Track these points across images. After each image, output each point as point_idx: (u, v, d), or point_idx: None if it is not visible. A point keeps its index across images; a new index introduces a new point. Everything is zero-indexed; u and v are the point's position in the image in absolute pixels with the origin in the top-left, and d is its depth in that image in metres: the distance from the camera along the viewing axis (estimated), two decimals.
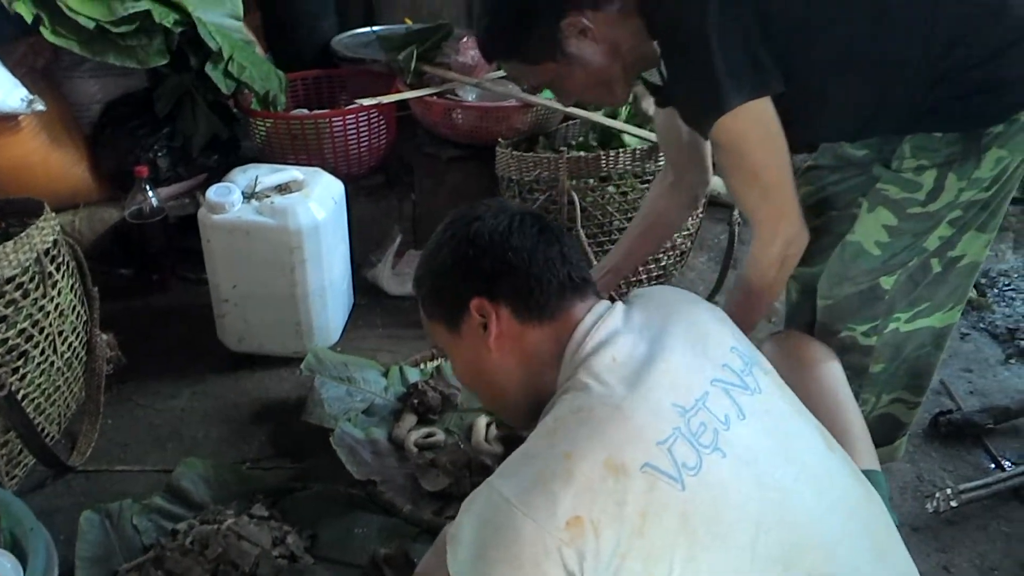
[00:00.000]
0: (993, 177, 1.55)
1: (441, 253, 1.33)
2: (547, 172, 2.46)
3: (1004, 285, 2.80)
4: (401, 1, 3.53)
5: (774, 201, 1.55)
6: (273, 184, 2.30)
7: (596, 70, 1.56)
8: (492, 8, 1.55)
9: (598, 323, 1.24)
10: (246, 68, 2.60)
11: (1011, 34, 1.45)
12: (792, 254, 1.59)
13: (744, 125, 1.47)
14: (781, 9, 1.44)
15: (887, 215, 1.60)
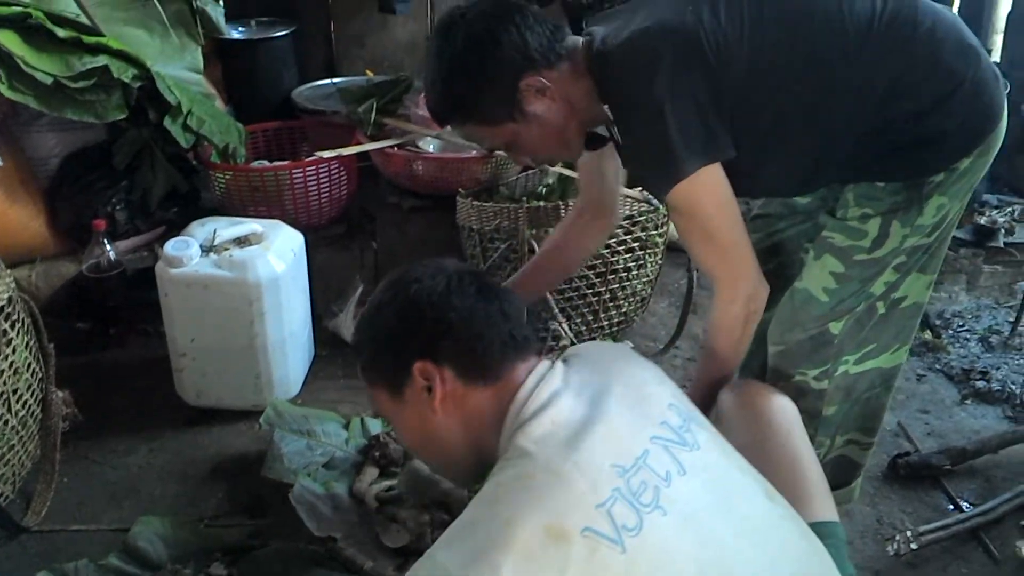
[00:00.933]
0: (934, 224, 1.60)
1: (381, 318, 1.33)
2: (507, 221, 2.49)
3: (958, 326, 2.85)
4: (361, 54, 3.57)
5: (730, 260, 1.58)
6: (232, 237, 2.29)
7: (554, 128, 1.59)
8: (446, 72, 1.54)
9: (539, 385, 1.25)
10: (205, 121, 2.60)
11: (946, 86, 1.50)
12: (754, 310, 1.62)
13: (698, 190, 1.50)
14: (728, 77, 1.48)
15: (834, 262, 1.64)
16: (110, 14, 2.70)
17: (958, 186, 1.57)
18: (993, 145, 1.58)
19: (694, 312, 2.77)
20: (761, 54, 1.49)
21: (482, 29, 1.50)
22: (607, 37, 1.55)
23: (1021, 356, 2.68)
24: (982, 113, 1.54)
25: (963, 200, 1.63)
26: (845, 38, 1.49)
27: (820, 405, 1.74)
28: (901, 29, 1.50)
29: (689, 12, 1.49)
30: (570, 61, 1.56)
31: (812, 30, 1.50)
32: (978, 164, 1.57)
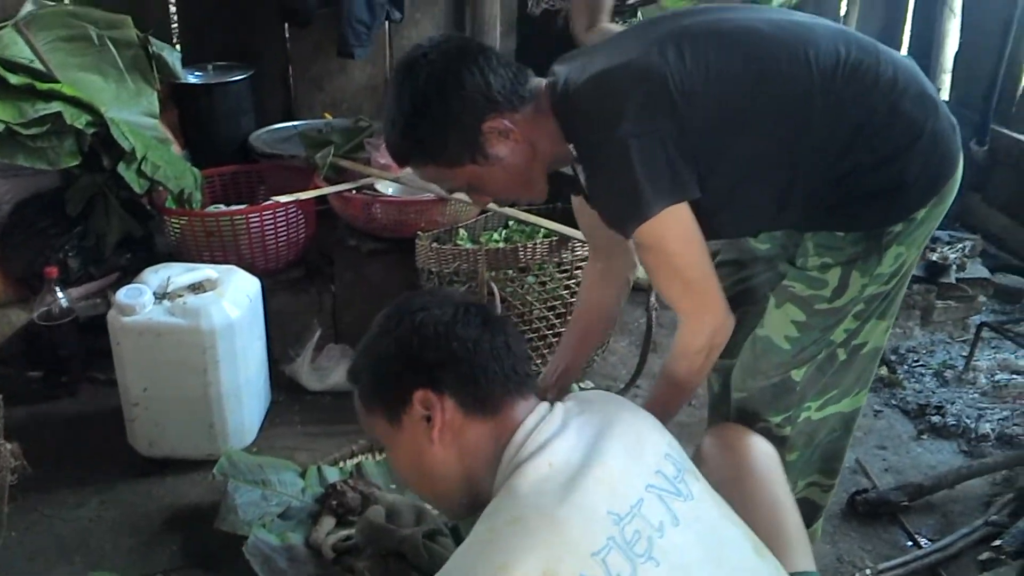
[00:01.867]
0: (892, 272, 1.61)
1: (384, 343, 1.31)
2: (466, 264, 2.48)
3: (913, 361, 2.88)
4: (320, 97, 3.58)
5: (697, 295, 1.58)
6: (186, 283, 2.27)
7: (517, 170, 1.57)
8: (408, 112, 1.50)
9: (539, 425, 1.24)
10: (160, 167, 2.59)
11: (904, 138, 1.52)
12: (718, 343, 1.61)
13: (665, 228, 1.49)
14: (693, 119, 1.48)
15: (795, 311, 1.64)
16: (65, 60, 2.70)
17: (916, 235, 1.59)
18: (949, 195, 1.60)
19: (654, 351, 2.78)
20: (726, 97, 1.50)
21: (445, 70, 1.47)
22: (571, 77, 1.55)
23: (975, 390, 2.71)
24: (939, 163, 1.56)
25: (920, 248, 1.65)
26: (809, 85, 1.50)
27: (783, 451, 1.73)
28: (864, 78, 1.51)
29: (655, 53, 1.49)
30: (534, 103, 1.54)
31: (777, 75, 1.51)
32: (935, 213, 1.59)
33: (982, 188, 3.71)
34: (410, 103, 1.49)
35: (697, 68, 1.48)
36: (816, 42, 1.52)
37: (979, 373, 2.78)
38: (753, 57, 1.52)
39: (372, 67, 3.61)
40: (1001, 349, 2.91)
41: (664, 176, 1.46)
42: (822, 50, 1.51)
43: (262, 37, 3.46)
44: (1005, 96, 3.57)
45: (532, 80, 1.56)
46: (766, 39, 1.53)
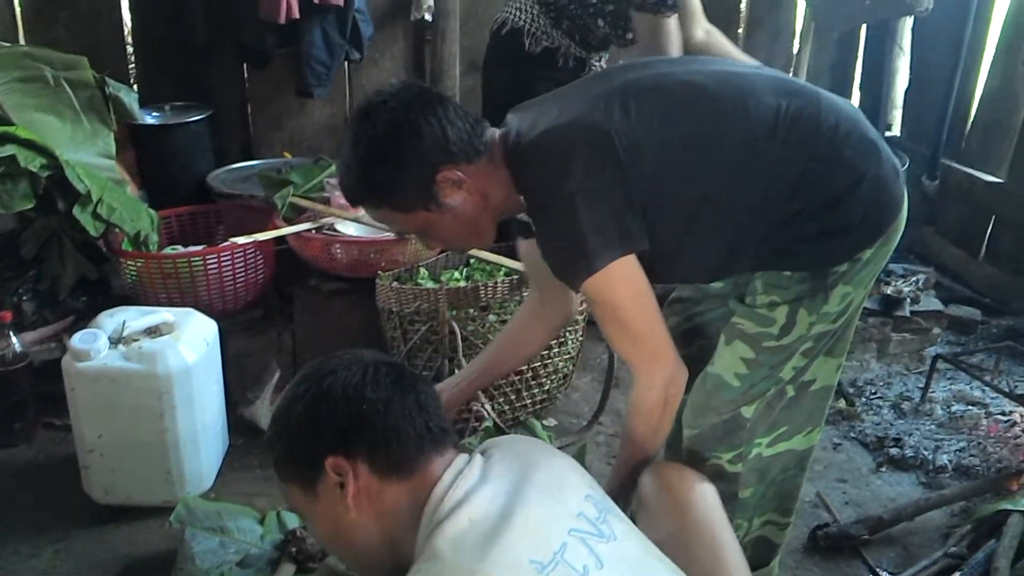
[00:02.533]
0: (840, 311, 1.65)
1: (293, 411, 1.30)
2: (427, 303, 2.48)
3: (871, 393, 2.91)
4: (279, 136, 3.57)
5: (647, 347, 1.61)
6: (142, 327, 2.24)
7: (468, 219, 1.60)
8: (364, 156, 1.53)
9: (457, 479, 1.23)
10: (116, 209, 2.56)
11: (847, 182, 1.56)
12: (673, 394, 1.64)
13: (612, 282, 1.53)
14: (639, 172, 1.52)
15: (744, 348, 1.67)
16: (20, 101, 2.68)
17: (862, 275, 1.63)
18: (894, 236, 1.64)
19: (616, 387, 2.79)
20: (671, 150, 1.54)
21: (403, 118, 1.51)
22: (522, 131, 1.59)
23: (932, 422, 2.74)
24: (883, 206, 1.60)
25: (867, 287, 1.69)
26: (752, 136, 1.54)
27: (735, 488, 1.76)
28: (805, 126, 1.56)
29: (601, 109, 1.54)
30: (488, 154, 1.58)
31: (720, 129, 1.55)
32: (880, 254, 1.63)
33: (934, 221, 3.79)
34: (366, 148, 1.52)
35: (642, 123, 1.53)
36: (757, 95, 1.57)
37: (935, 404, 2.82)
38: (696, 112, 1.56)
39: (332, 106, 3.62)
40: (956, 380, 2.96)
41: (611, 230, 1.50)
42: (763, 102, 1.56)
43: (220, 77, 3.45)
44: (954, 132, 3.67)
45: (488, 132, 1.60)
46: (709, 94, 1.58)
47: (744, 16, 4.03)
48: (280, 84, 3.49)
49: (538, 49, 2.72)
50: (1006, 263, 3.47)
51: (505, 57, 2.77)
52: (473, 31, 3.57)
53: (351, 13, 3.25)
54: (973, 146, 3.64)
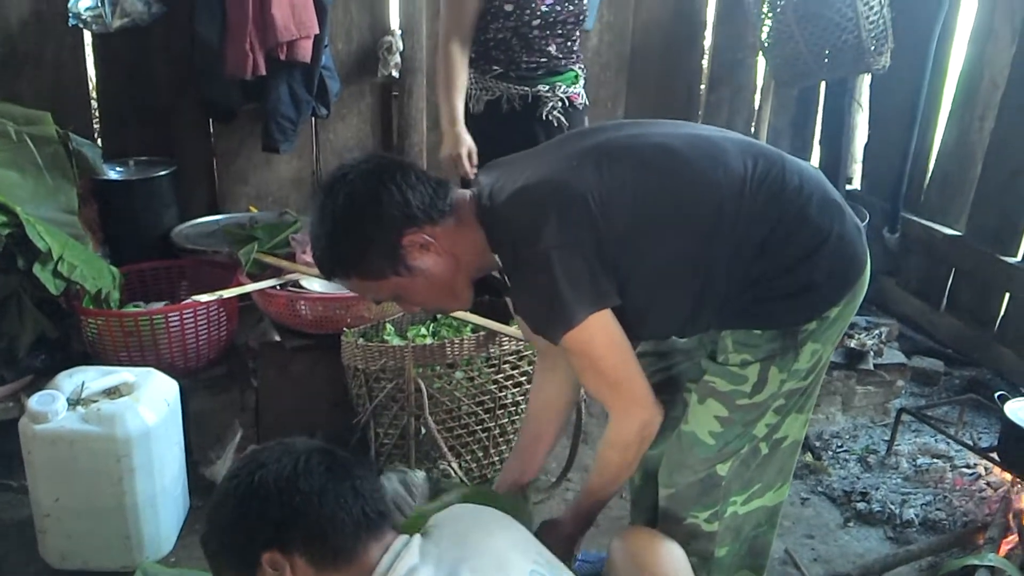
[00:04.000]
0: (809, 368, 1.67)
1: (225, 509, 1.29)
2: (393, 361, 2.46)
3: (837, 447, 2.92)
4: (245, 190, 3.56)
5: (624, 392, 1.64)
6: (101, 388, 2.20)
7: (440, 281, 1.61)
8: (329, 230, 1.56)
9: (395, 563, 1.23)
10: (77, 267, 2.53)
11: (812, 242, 1.60)
12: (648, 435, 1.67)
13: (590, 335, 1.55)
14: (612, 229, 1.54)
15: (718, 407, 1.69)
16: None
17: (830, 332, 1.66)
18: (860, 293, 1.68)
19: (584, 442, 2.78)
20: (642, 211, 1.56)
21: (364, 188, 1.53)
22: (494, 191, 1.61)
23: (898, 475, 2.75)
24: (848, 264, 1.64)
25: (835, 343, 1.72)
26: (720, 197, 1.57)
27: (712, 547, 1.76)
28: (771, 188, 1.60)
29: (575, 168, 1.57)
30: (456, 215, 1.60)
31: (689, 190, 1.59)
32: (847, 310, 1.67)
33: (896, 273, 3.84)
34: (331, 222, 1.55)
35: (615, 184, 1.55)
36: (726, 158, 1.61)
37: (901, 458, 2.84)
38: (667, 173, 1.59)
39: (298, 160, 3.62)
40: (921, 433, 2.98)
41: (585, 286, 1.52)
42: (732, 165, 1.60)
43: (186, 131, 3.44)
44: (914, 185, 3.73)
45: (453, 192, 1.62)
46: (679, 155, 1.61)
47: (707, 73, 4.11)
48: (246, 139, 3.48)
49: (481, 107, 2.77)
50: (967, 315, 3.51)
51: None
52: None
53: (318, 70, 3.27)
54: (932, 199, 3.70)
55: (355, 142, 3.68)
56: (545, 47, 2.74)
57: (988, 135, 3.37)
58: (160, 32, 3.21)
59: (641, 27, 3.86)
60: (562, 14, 2.72)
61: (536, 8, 2.68)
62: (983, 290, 3.43)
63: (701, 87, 4.11)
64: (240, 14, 3.01)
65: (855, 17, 3.22)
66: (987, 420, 3.06)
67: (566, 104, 2.83)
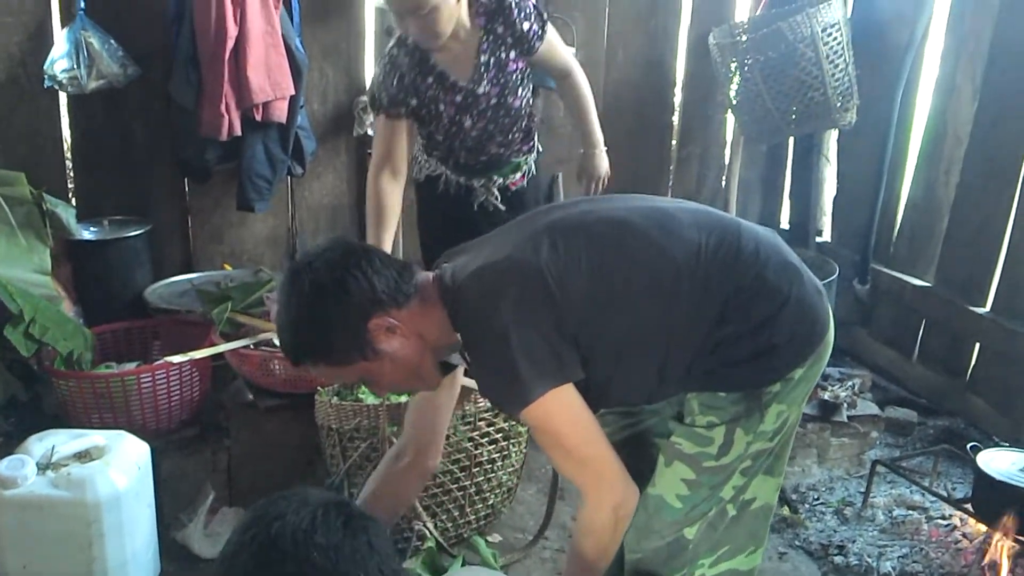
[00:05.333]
0: (776, 429, 1.68)
1: (240, 560, 1.27)
2: (367, 420, 2.45)
3: (814, 499, 2.92)
4: (220, 249, 3.56)
5: (592, 471, 1.62)
6: (72, 452, 2.18)
7: (406, 363, 1.63)
8: (294, 318, 1.58)
9: None
10: (49, 329, 2.53)
11: (771, 306, 1.62)
12: (623, 515, 1.65)
13: (550, 410, 1.56)
14: (570, 304, 1.56)
15: (685, 469, 1.69)
16: None
17: (795, 393, 1.68)
18: (823, 354, 1.70)
19: (562, 499, 2.76)
20: (599, 285, 1.59)
21: (328, 277, 1.55)
22: (456, 271, 1.64)
23: (874, 527, 2.75)
24: (810, 325, 1.66)
25: (801, 404, 1.73)
26: (676, 267, 1.60)
27: None
28: (726, 255, 1.63)
29: (530, 248, 1.60)
30: (420, 297, 1.62)
31: (646, 260, 1.61)
32: (811, 372, 1.69)
33: (868, 324, 3.88)
34: (296, 311, 1.57)
35: (570, 259, 1.58)
36: (679, 227, 1.64)
37: (877, 510, 2.84)
38: (620, 245, 1.62)
39: (274, 219, 3.62)
40: (896, 484, 2.98)
41: (544, 361, 1.53)
42: (685, 235, 1.63)
43: (161, 190, 3.45)
44: (882, 237, 3.79)
45: (418, 275, 1.65)
46: (631, 227, 1.64)
47: (677, 129, 4.18)
48: (221, 197, 3.49)
49: (422, 177, 2.81)
50: (938, 365, 3.55)
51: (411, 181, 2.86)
52: None
53: (293, 129, 3.30)
54: (901, 251, 3.76)
55: (330, 199, 3.70)
56: (485, 149, 2.72)
57: (954, 188, 3.44)
58: (135, 93, 3.23)
59: (613, 86, 3.92)
60: (496, 129, 2.68)
61: (465, 136, 2.66)
62: (954, 340, 3.47)
63: (672, 143, 4.18)
64: (215, 76, 3.04)
65: (821, 75, 3.30)
66: (961, 470, 3.07)
67: (502, 193, 2.82)
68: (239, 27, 3.03)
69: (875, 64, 3.59)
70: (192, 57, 3.08)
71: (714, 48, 3.54)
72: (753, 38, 3.39)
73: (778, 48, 3.28)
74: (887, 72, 3.57)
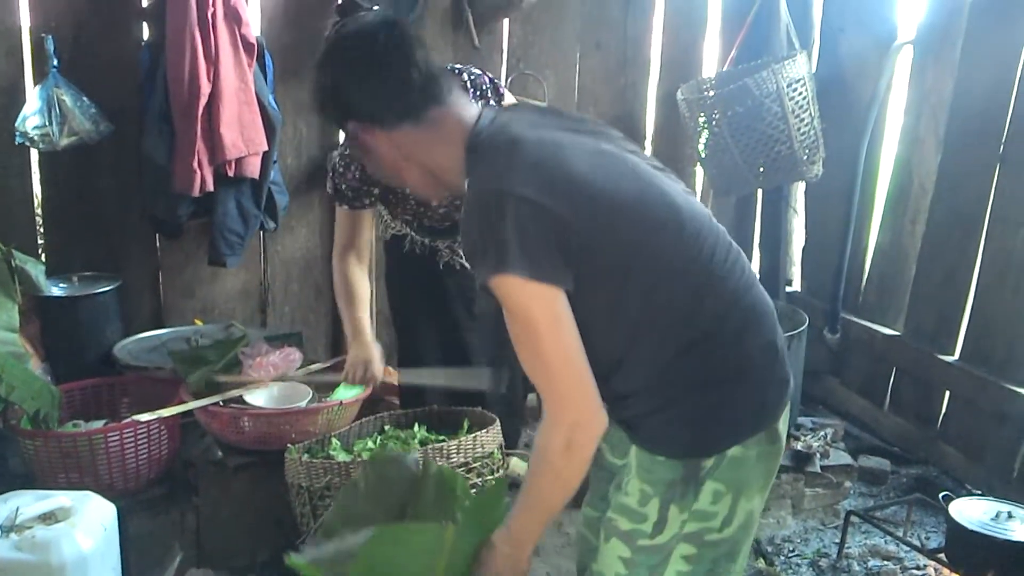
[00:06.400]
0: (719, 513, 1.58)
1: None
2: (339, 478, 2.42)
3: (789, 551, 2.92)
4: (191, 304, 3.54)
5: (558, 383, 1.49)
6: (36, 514, 2.14)
7: (387, 163, 1.69)
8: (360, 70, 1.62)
9: None
10: (15, 388, 2.49)
11: (735, 369, 1.57)
12: (580, 441, 1.50)
13: (526, 293, 1.45)
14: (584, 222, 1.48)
15: (621, 547, 1.62)
16: None
17: (735, 476, 1.57)
18: (770, 447, 1.60)
19: (537, 555, 2.73)
20: (623, 215, 1.52)
21: (404, 38, 1.62)
22: (498, 122, 1.59)
23: None
24: (758, 408, 1.60)
25: (751, 497, 1.61)
26: (694, 264, 1.55)
27: None
28: (738, 281, 1.59)
29: (576, 145, 1.56)
30: (430, 124, 1.62)
31: (672, 241, 1.55)
32: (756, 460, 1.58)
33: (839, 373, 3.92)
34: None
35: (607, 180, 1.53)
36: (715, 233, 1.61)
37: (852, 560, 2.84)
38: (660, 202, 1.57)
39: (246, 273, 3.61)
40: (871, 534, 2.99)
41: (537, 249, 1.45)
42: (720, 241, 1.60)
43: (132, 246, 3.42)
44: (851, 287, 3.84)
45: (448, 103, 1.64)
46: (678, 212, 1.58)
47: None
48: (192, 252, 3.48)
49: (388, 236, 2.83)
50: (910, 413, 3.57)
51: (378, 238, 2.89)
52: None
53: (266, 185, 3.30)
54: (870, 300, 3.80)
55: (303, 253, 3.70)
56: (451, 217, 2.70)
57: (920, 237, 3.50)
58: (108, 149, 3.22)
59: None
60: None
61: (433, 212, 2.67)
62: (924, 389, 3.50)
63: None
64: (188, 132, 3.04)
65: (787, 129, 3.36)
66: (935, 519, 3.09)
67: None
68: (212, 84, 3.05)
69: (840, 118, 3.66)
70: (165, 113, 3.09)
71: (682, 103, 3.60)
72: (720, 93, 3.46)
73: (745, 103, 3.34)
74: (852, 125, 3.64)
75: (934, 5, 3.46)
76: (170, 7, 3.03)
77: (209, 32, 3.02)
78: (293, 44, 3.48)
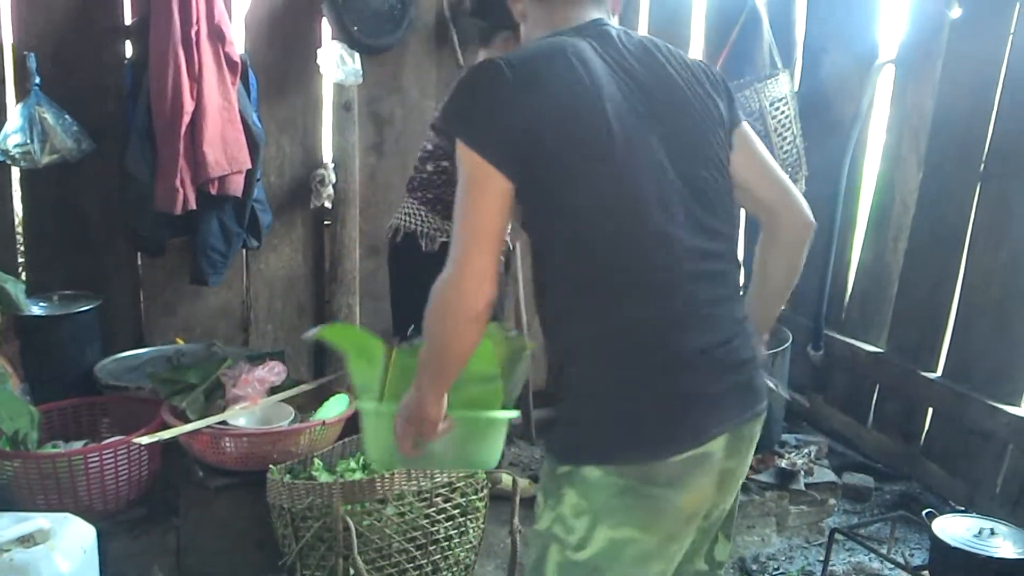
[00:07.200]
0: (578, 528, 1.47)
1: None
2: (320, 499, 2.40)
3: (774, 569, 2.91)
4: (172, 323, 3.51)
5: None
6: (15, 536, 2.11)
7: None
8: None
9: None
10: None
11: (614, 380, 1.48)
12: (452, 305, 1.46)
13: (463, 156, 1.46)
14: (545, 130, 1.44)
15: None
16: None
17: (596, 498, 1.45)
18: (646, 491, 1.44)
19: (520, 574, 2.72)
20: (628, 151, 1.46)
21: None
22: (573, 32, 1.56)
23: None
24: (627, 433, 1.46)
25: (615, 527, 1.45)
26: (654, 242, 1.46)
27: None
28: (710, 288, 1.51)
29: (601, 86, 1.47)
30: None
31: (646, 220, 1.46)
32: (615, 494, 1.44)
33: (823, 390, 3.92)
34: None
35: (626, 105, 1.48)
36: (675, 216, 1.50)
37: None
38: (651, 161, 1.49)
39: (228, 291, 3.59)
40: (855, 552, 2.99)
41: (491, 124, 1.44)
42: (686, 245, 1.49)
43: (113, 264, 3.40)
44: (834, 304, 3.85)
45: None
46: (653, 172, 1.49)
47: None
48: (174, 270, 3.46)
49: (435, 247, 2.80)
50: (893, 430, 3.58)
51: (406, 259, 2.84)
52: (373, 217, 3.65)
53: (249, 203, 3.29)
54: (853, 317, 3.82)
55: (286, 271, 3.68)
56: None
57: (903, 255, 3.52)
58: (89, 167, 3.20)
59: None
60: None
61: None
62: (907, 405, 3.51)
63: None
64: (171, 150, 3.03)
65: (770, 147, 3.36)
66: (918, 536, 3.09)
67: None
68: (195, 102, 3.04)
69: (823, 136, 3.69)
70: (147, 131, 3.08)
71: None
72: None
73: None
74: (834, 143, 3.66)
75: (915, 24, 3.49)
76: (153, 25, 3.03)
77: (193, 50, 3.02)
78: (277, 63, 3.48)
